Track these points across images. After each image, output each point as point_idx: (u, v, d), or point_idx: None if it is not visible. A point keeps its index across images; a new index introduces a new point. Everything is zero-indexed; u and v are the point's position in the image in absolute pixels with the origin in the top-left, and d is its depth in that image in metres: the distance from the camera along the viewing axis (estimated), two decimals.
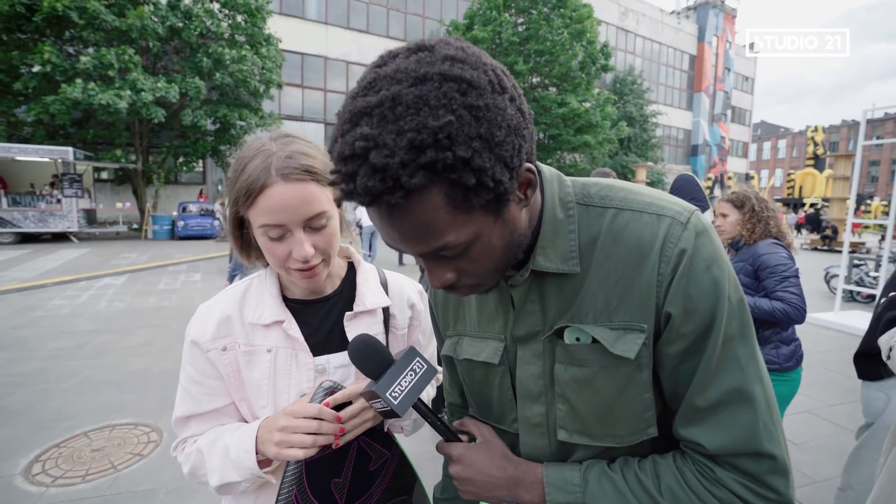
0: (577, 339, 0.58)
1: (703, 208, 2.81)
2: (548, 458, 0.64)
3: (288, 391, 0.81)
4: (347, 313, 0.87)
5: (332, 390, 0.78)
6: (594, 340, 0.56)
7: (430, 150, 0.40)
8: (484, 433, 0.68)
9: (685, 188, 3.15)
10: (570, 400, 0.59)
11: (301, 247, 0.74)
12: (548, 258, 0.57)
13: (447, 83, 0.41)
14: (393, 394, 0.61)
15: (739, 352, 0.53)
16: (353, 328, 0.87)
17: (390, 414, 0.63)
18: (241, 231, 0.82)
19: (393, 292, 0.95)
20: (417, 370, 0.65)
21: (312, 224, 0.76)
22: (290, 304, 0.85)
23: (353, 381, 0.85)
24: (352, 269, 0.94)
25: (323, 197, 0.76)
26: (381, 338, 0.90)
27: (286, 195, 0.72)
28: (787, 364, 2.08)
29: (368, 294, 0.89)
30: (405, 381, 0.63)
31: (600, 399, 0.57)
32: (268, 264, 0.86)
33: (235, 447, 0.76)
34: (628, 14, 28.36)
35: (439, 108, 0.40)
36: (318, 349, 0.84)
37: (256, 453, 0.75)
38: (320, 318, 0.86)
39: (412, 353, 0.66)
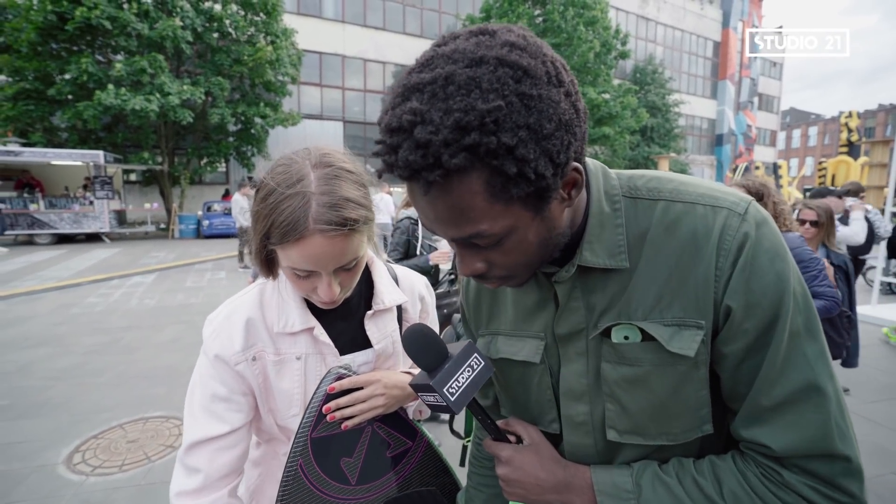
0: (626, 338, 0.55)
1: None
2: (593, 457, 0.61)
3: None
4: (368, 312, 0.87)
5: (340, 376, 0.80)
6: (644, 338, 0.54)
7: (474, 133, 0.39)
8: (532, 435, 0.65)
9: None
10: (621, 400, 0.57)
11: (328, 290, 0.74)
12: (595, 253, 0.55)
13: (502, 68, 0.41)
14: (450, 390, 0.59)
15: (807, 349, 0.50)
16: (374, 326, 0.88)
17: (443, 409, 0.61)
18: (265, 254, 0.77)
19: (404, 287, 0.96)
20: (475, 366, 0.62)
21: (344, 268, 0.75)
22: (311, 307, 0.85)
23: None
24: (366, 267, 0.94)
25: (359, 243, 0.74)
26: (396, 333, 0.91)
27: (322, 248, 0.69)
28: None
29: (385, 292, 0.90)
30: (462, 378, 0.60)
31: (654, 399, 0.55)
32: None
33: None
34: (648, 2, 27.60)
35: (490, 92, 0.40)
36: (343, 351, 0.85)
37: None
38: (343, 320, 0.87)
39: (470, 347, 0.63)
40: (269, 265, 0.79)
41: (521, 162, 0.41)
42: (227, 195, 16.09)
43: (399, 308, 0.93)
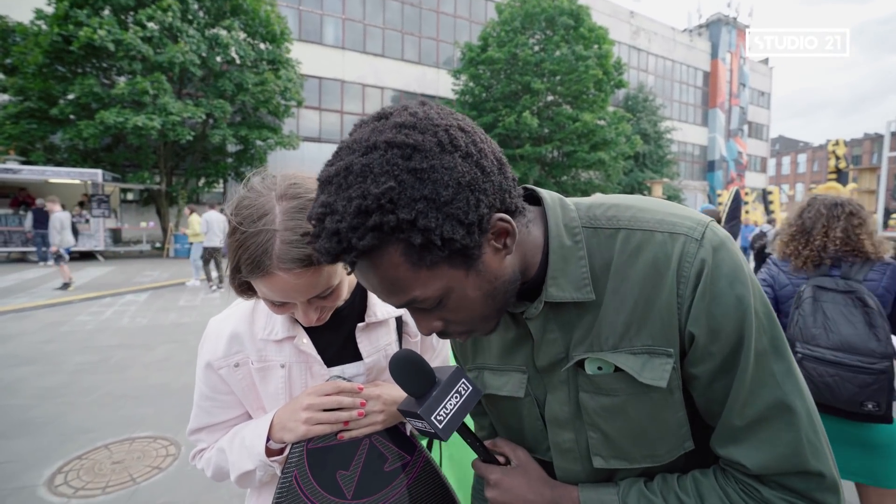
0: (600, 369, 0.56)
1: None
2: (584, 481, 0.62)
3: None
4: (359, 325, 0.86)
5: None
6: (617, 369, 0.54)
7: (375, 215, 0.42)
8: (520, 456, 0.66)
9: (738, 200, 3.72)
10: (602, 428, 0.58)
11: (305, 317, 0.75)
12: (560, 288, 0.55)
13: (392, 150, 0.44)
14: (438, 417, 0.58)
15: (775, 367, 0.51)
16: (366, 339, 0.87)
17: (432, 435, 0.61)
18: (239, 282, 0.77)
19: None
20: (463, 392, 0.61)
21: (319, 296, 0.74)
22: None
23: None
24: None
25: (332, 273, 0.72)
26: (394, 346, 0.90)
27: (289, 285, 0.68)
28: None
29: (379, 305, 0.89)
30: (450, 404, 0.59)
31: (634, 425, 0.56)
32: None
33: (250, 435, 0.79)
34: (640, 33, 28.56)
35: (382, 175, 0.43)
36: (332, 362, 0.85)
37: (269, 441, 0.78)
38: (333, 331, 0.86)
39: (458, 373, 0.62)
40: (244, 290, 0.79)
41: (424, 231, 0.43)
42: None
43: (400, 322, 0.92)
